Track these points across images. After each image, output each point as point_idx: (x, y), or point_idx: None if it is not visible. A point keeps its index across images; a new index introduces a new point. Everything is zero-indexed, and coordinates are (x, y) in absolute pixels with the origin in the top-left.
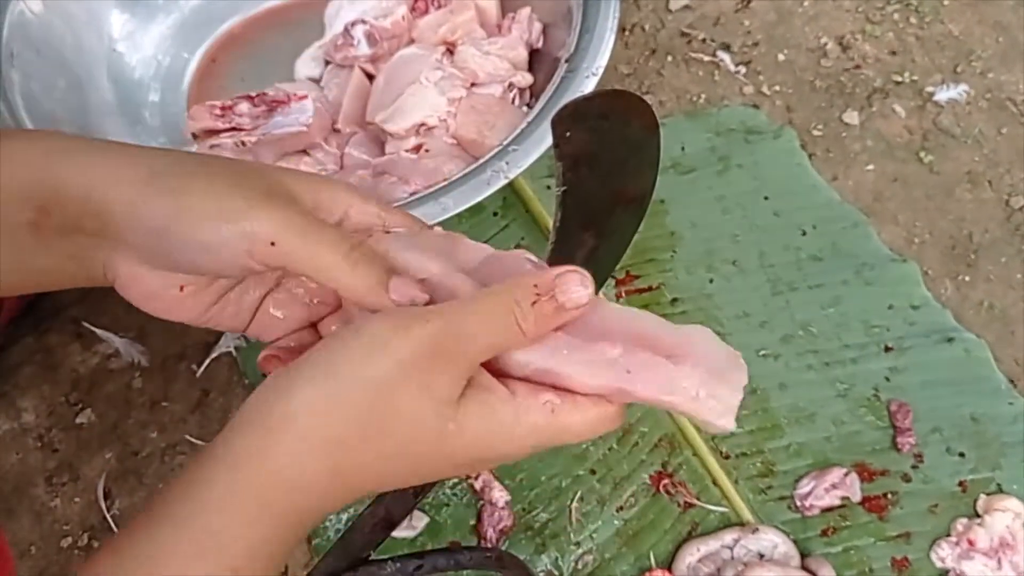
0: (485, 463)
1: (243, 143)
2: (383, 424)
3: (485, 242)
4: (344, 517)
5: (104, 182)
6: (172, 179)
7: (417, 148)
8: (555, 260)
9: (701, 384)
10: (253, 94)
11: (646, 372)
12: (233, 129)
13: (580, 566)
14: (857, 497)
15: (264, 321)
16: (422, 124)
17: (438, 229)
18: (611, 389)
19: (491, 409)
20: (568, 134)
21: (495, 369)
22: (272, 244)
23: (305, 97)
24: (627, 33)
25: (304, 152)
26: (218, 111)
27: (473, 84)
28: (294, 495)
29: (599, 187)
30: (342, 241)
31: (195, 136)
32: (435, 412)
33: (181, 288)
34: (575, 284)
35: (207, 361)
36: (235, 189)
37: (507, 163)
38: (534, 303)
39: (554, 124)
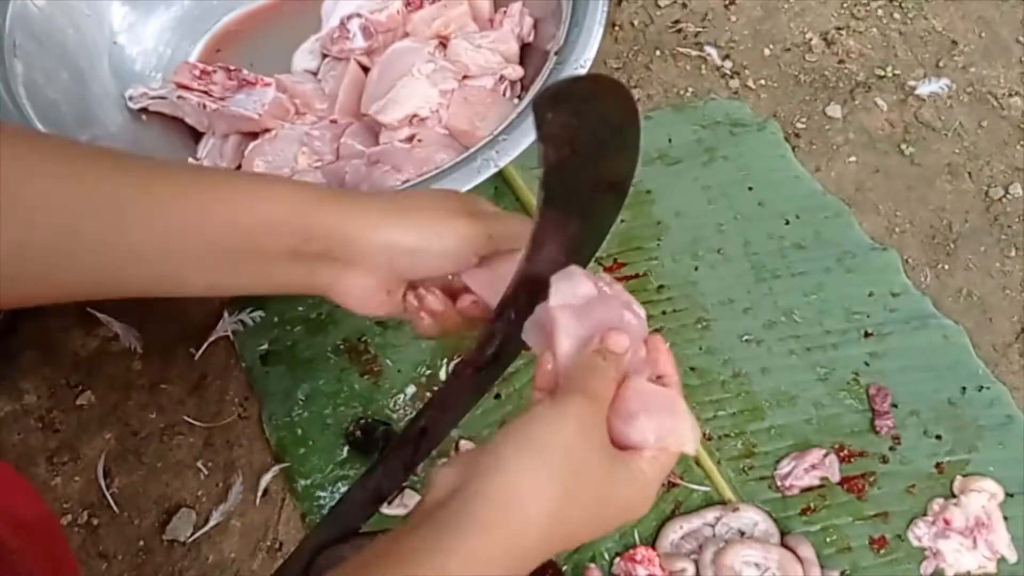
0: (635, 505)
1: (204, 106)
2: (584, 486)
3: None
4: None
5: (356, 224)
6: (401, 214)
7: (410, 138)
8: (537, 242)
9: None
10: (232, 67)
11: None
12: (203, 92)
13: None
14: (836, 478)
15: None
16: (414, 115)
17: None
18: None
19: (628, 460)
20: (550, 116)
21: None
22: (490, 236)
23: (269, 84)
24: (616, 28)
25: (252, 135)
26: (197, 72)
27: (465, 76)
28: (521, 557)
29: (581, 170)
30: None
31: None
32: (607, 460)
33: (387, 292)
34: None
35: (205, 345)
36: (450, 213)
37: (497, 152)
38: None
39: (536, 106)
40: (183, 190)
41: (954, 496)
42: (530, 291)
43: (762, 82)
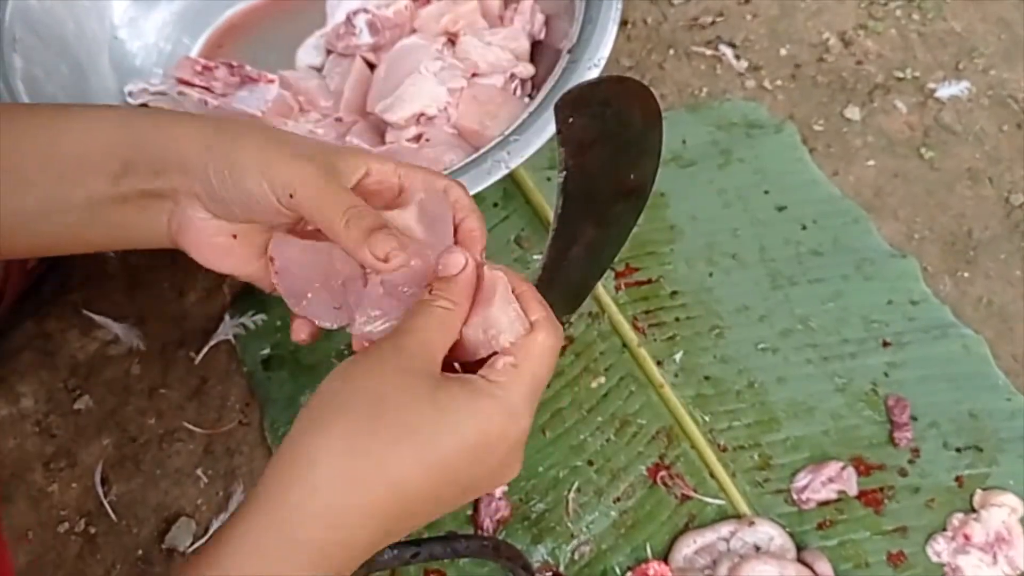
0: (495, 443)
1: (206, 103)
2: (385, 414)
3: None
4: None
5: (177, 140)
6: (230, 137)
7: (417, 138)
8: (555, 249)
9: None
10: (235, 64)
11: None
12: (205, 88)
13: (576, 557)
14: (854, 491)
15: None
16: (421, 114)
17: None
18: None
19: (466, 380)
20: (571, 119)
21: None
22: (291, 196)
23: (273, 82)
24: (629, 26)
25: None
26: (199, 68)
27: (475, 74)
28: (317, 526)
29: (601, 175)
30: (343, 200)
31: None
32: (424, 382)
33: (234, 236)
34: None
35: (205, 348)
36: (275, 148)
37: (508, 153)
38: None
39: (557, 109)
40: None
41: (974, 511)
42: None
43: (779, 83)
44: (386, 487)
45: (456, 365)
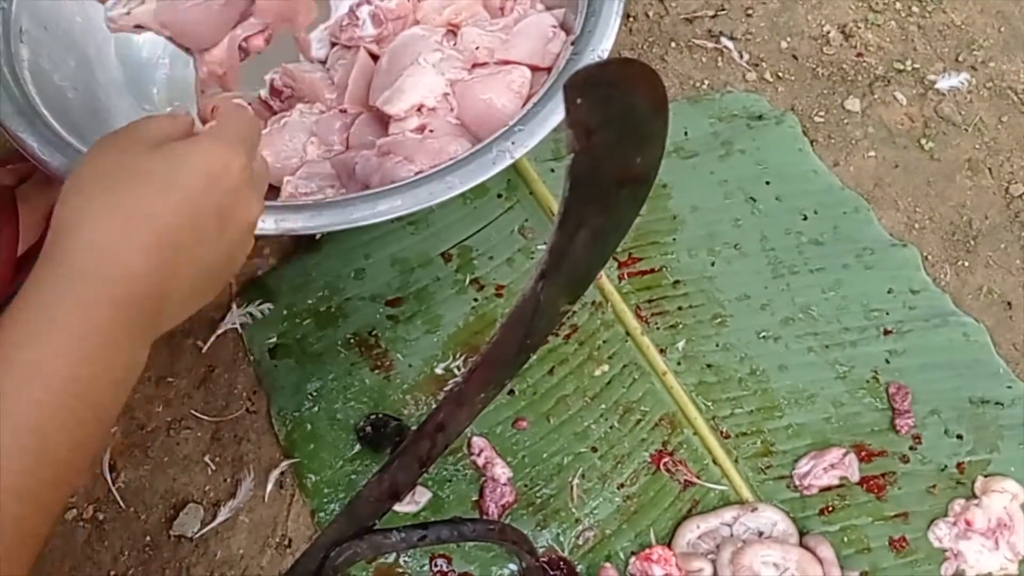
0: (223, 171)
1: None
2: (127, 171)
3: (490, 224)
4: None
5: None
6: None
7: (421, 128)
8: (561, 235)
9: None
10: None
11: None
12: None
13: (581, 542)
14: (855, 477)
15: None
16: (420, 105)
17: None
18: None
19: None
20: (579, 100)
21: None
22: None
23: None
24: (631, 19)
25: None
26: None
27: (476, 65)
28: (85, 258)
29: (607, 159)
30: None
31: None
32: (152, 145)
33: None
34: None
35: (212, 337)
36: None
37: (512, 143)
38: None
39: (566, 90)
40: None
41: (975, 497)
42: (556, 287)
43: (779, 75)
44: (140, 222)
45: None
